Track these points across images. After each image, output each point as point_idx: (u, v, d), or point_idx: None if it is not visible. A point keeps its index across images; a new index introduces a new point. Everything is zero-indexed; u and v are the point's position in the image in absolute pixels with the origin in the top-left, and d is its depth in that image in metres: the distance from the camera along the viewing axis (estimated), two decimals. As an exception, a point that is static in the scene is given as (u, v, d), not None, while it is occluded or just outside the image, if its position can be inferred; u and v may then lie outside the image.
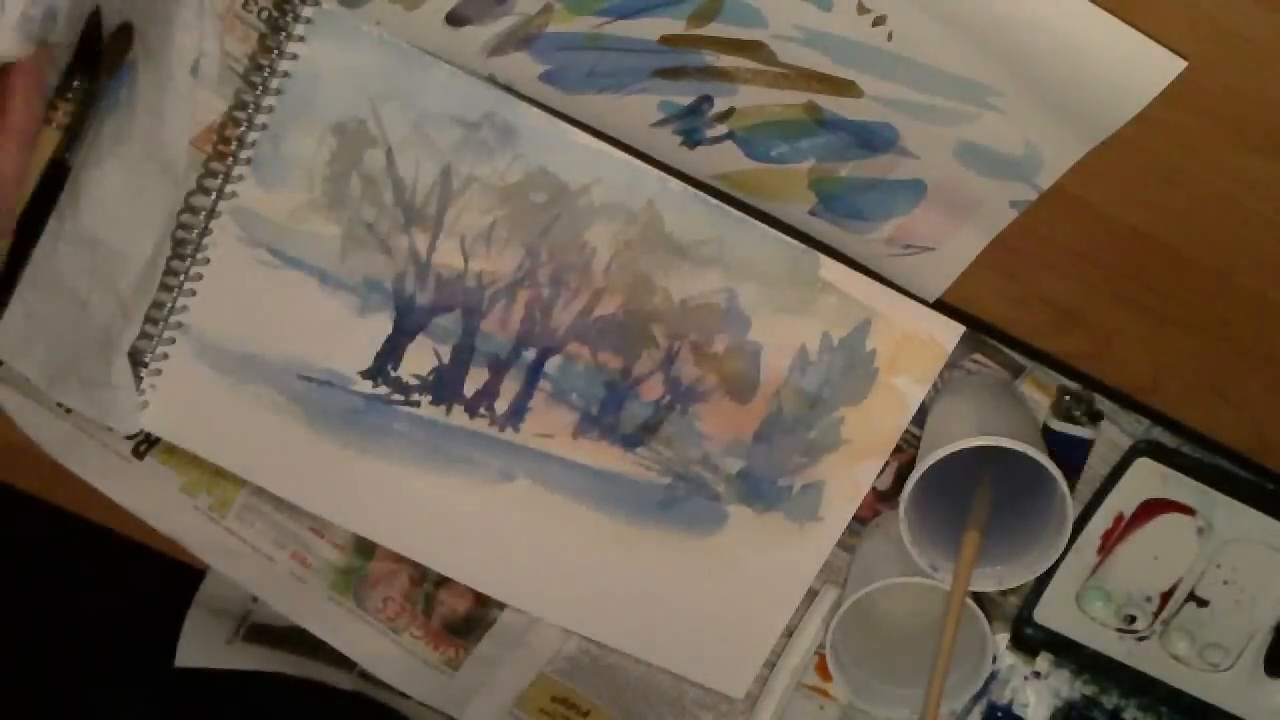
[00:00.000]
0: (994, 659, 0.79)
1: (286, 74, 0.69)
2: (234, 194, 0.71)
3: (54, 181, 0.71)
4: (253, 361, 0.74)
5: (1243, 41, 0.62)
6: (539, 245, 0.72)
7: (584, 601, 0.79)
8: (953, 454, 0.69)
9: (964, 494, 0.74)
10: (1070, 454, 0.75)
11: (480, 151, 0.70)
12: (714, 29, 0.66)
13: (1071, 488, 0.71)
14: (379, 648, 0.80)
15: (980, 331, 0.75)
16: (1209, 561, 0.77)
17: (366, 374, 0.74)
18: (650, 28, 0.66)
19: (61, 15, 0.68)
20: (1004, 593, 0.79)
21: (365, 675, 0.83)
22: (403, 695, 0.82)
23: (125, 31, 0.69)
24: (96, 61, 0.69)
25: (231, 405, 0.74)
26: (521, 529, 0.77)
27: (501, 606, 0.80)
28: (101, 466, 0.77)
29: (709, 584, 0.78)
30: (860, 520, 0.78)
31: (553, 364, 0.74)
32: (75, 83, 0.69)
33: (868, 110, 0.68)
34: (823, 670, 0.81)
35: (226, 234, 0.72)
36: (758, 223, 0.72)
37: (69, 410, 0.75)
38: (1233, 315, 0.72)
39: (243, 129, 0.70)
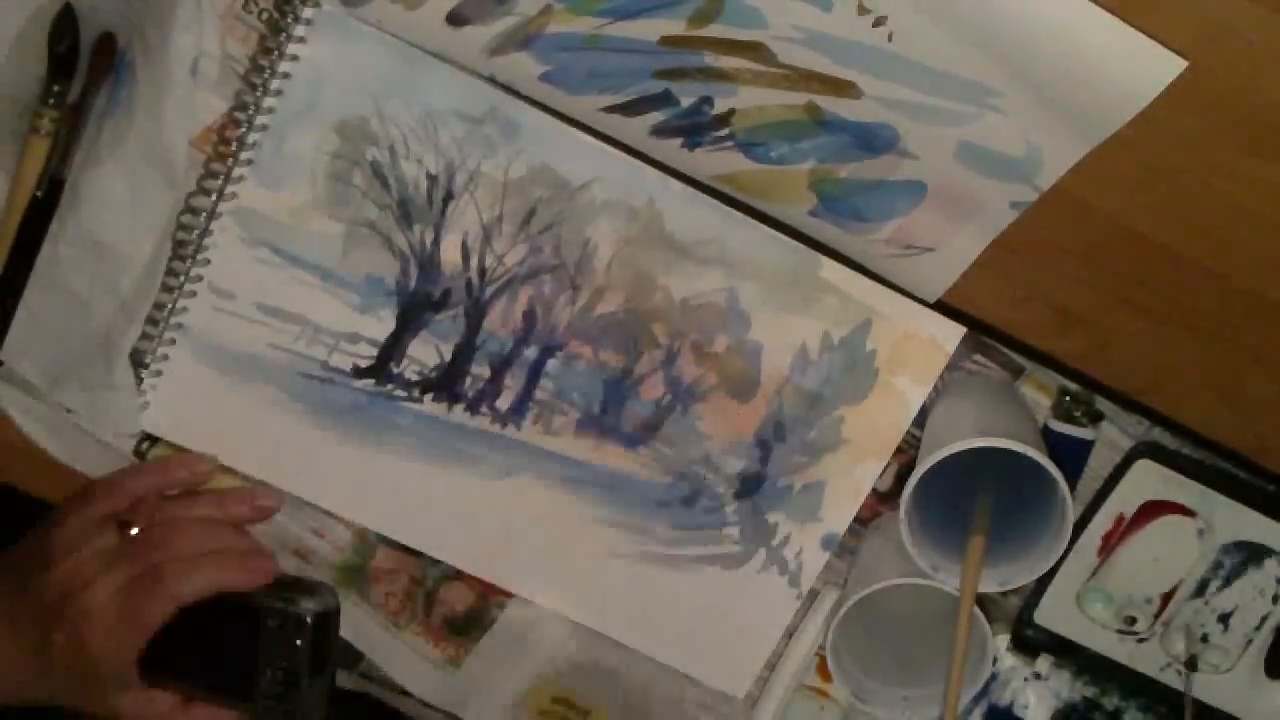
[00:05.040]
0: (994, 660, 0.79)
1: (287, 74, 0.69)
2: (234, 195, 0.71)
3: (52, 193, 0.71)
4: (254, 361, 0.74)
5: (1243, 41, 0.62)
6: (541, 242, 0.72)
7: (586, 594, 0.79)
8: (953, 455, 0.69)
9: (965, 495, 0.74)
10: (1071, 455, 0.75)
11: (484, 147, 0.71)
12: (714, 30, 0.66)
13: (1072, 488, 0.71)
14: (380, 643, 0.80)
15: (980, 332, 0.75)
16: (1209, 563, 0.77)
17: (368, 371, 0.74)
18: (650, 29, 0.66)
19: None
20: (1004, 594, 0.79)
21: (366, 675, 0.83)
22: (404, 694, 0.82)
23: (108, 40, 0.70)
24: (73, 63, 0.69)
25: (233, 404, 0.74)
26: (523, 523, 0.77)
27: (502, 606, 0.80)
28: (103, 467, 0.77)
29: (709, 583, 0.78)
30: (861, 521, 0.78)
31: (553, 363, 0.75)
32: (55, 88, 0.69)
33: (868, 111, 0.68)
34: (823, 671, 0.81)
35: (227, 234, 0.72)
36: (758, 223, 0.73)
37: (70, 410, 0.75)
38: (1233, 315, 0.72)
39: (243, 130, 0.70)
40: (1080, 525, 0.76)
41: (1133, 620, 0.78)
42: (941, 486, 0.71)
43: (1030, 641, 0.80)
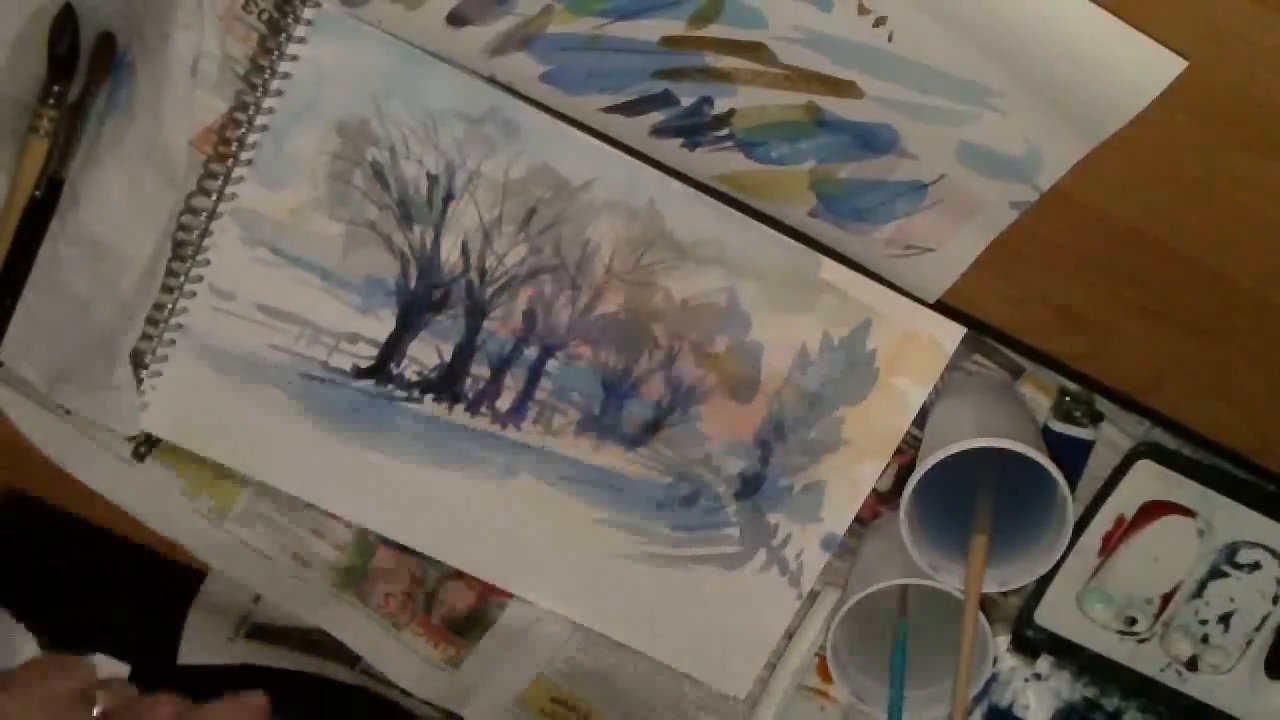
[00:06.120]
0: (994, 661, 0.79)
1: (287, 75, 0.69)
2: (234, 195, 0.71)
3: (52, 192, 0.71)
4: (254, 361, 0.74)
5: (1243, 41, 0.62)
6: (541, 242, 0.72)
7: (587, 594, 0.79)
8: (953, 455, 0.69)
9: (965, 495, 0.74)
10: (1071, 455, 0.75)
11: (484, 147, 0.71)
12: (714, 30, 0.66)
13: (1072, 489, 0.71)
14: (380, 643, 0.80)
15: (980, 332, 0.75)
16: (1210, 563, 0.77)
17: (369, 372, 0.74)
18: (651, 29, 0.66)
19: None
20: (1005, 594, 0.79)
21: (368, 671, 0.83)
22: (406, 692, 0.82)
23: (108, 40, 0.70)
24: (72, 63, 0.69)
25: (233, 405, 0.74)
26: (524, 523, 0.77)
27: (502, 606, 0.80)
28: (102, 469, 0.77)
29: (709, 583, 0.78)
30: (861, 522, 0.78)
31: (554, 363, 0.75)
32: (55, 88, 0.69)
33: (868, 111, 0.68)
34: (823, 672, 0.81)
35: (227, 235, 0.72)
36: (758, 223, 0.73)
37: (69, 412, 0.75)
38: (1233, 316, 0.72)
39: (243, 130, 0.70)
40: (1080, 526, 0.76)
41: (1133, 621, 0.78)
42: (941, 487, 0.71)
43: (1030, 642, 0.80)
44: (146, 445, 0.77)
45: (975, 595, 0.72)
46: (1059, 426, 0.76)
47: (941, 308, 0.74)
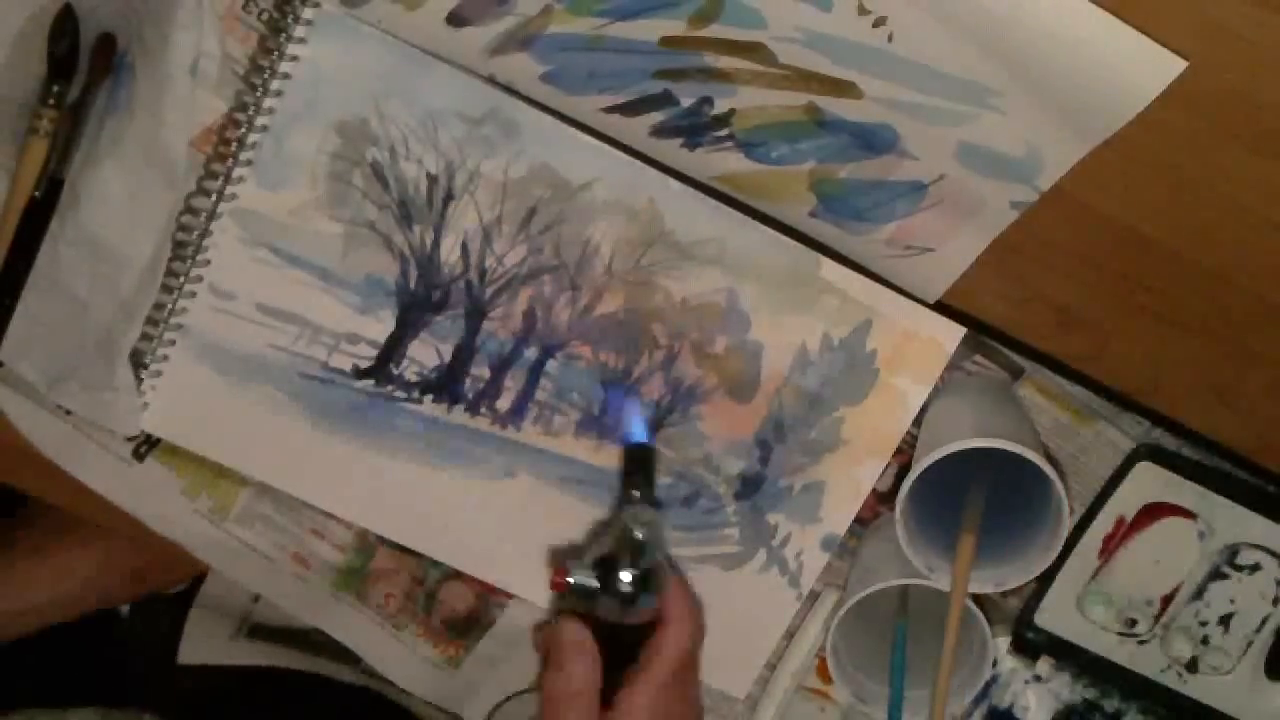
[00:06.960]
0: (994, 662, 0.79)
1: (287, 75, 0.69)
2: (234, 195, 0.71)
3: (52, 192, 0.71)
4: (254, 361, 0.74)
5: (1243, 41, 0.62)
6: (541, 242, 0.72)
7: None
8: (950, 455, 0.69)
9: (962, 495, 0.74)
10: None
11: (484, 147, 0.71)
12: (714, 30, 0.66)
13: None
14: (380, 644, 0.80)
15: (980, 332, 0.75)
16: (1210, 565, 0.77)
17: (368, 372, 0.74)
18: (651, 29, 0.66)
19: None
20: (1005, 596, 0.79)
21: (368, 671, 0.82)
22: (406, 691, 0.82)
23: (108, 40, 0.70)
24: (72, 63, 0.69)
25: (233, 405, 0.74)
26: (524, 523, 0.77)
27: (502, 606, 0.80)
28: (101, 469, 0.77)
29: (709, 583, 0.78)
30: (861, 522, 0.78)
31: (554, 363, 0.74)
32: (55, 88, 0.69)
33: (868, 111, 0.68)
34: (823, 673, 0.81)
35: (227, 235, 0.72)
36: (758, 223, 0.73)
37: (68, 412, 0.75)
38: (1233, 316, 0.72)
39: (243, 130, 0.70)
40: (1081, 527, 0.76)
41: (1133, 622, 0.78)
42: (939, 487, 0.71)
43: (1031, 643, 0.80)
44: (146, 445, 0.77)
45: (961, 592, 0.71)
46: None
47: (941, 308, 0.74)
